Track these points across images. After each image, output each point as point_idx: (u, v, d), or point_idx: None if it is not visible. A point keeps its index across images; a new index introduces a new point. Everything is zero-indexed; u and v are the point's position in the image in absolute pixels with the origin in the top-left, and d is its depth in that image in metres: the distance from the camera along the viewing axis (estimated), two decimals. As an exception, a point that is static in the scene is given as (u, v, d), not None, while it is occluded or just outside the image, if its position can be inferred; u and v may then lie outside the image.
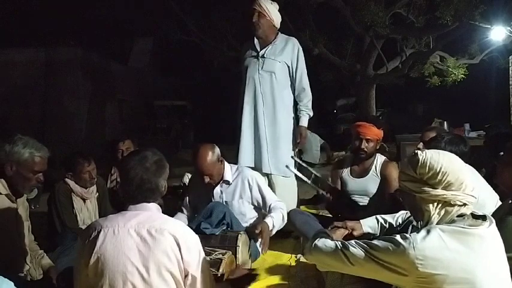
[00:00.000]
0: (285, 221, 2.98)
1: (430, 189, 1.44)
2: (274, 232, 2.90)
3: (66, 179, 3.04)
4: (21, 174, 2.12)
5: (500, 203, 2.13)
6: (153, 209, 1.66)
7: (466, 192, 1.43)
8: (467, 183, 1.44)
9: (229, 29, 10.68)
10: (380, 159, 3.03)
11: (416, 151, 1.52)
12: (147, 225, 1.58)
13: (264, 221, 2.81)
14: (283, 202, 3.10)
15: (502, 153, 2.09)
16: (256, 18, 3.58)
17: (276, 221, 2.87)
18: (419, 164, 1.46)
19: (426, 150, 1.52)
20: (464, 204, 1.43)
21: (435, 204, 1.44)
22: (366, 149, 2.94)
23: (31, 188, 2.24)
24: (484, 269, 1.36)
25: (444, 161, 1.45)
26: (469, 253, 1.36)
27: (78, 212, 3.04)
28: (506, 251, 1.47)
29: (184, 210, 3.20)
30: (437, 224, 1.44)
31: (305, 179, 3.19)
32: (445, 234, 1.37)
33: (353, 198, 3.04)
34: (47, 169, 2.23)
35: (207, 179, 2.97)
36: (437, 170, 1.43)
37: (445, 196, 1.42)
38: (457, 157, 1.50)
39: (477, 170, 2.63)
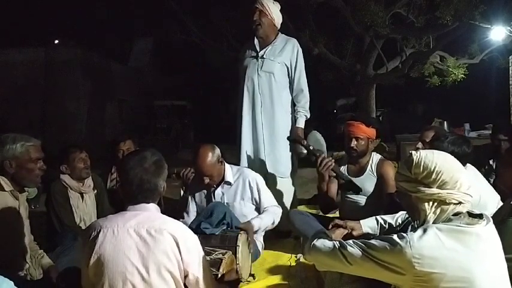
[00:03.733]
0: (275, 225, 3.00)
1: (425, 188, 1.45)
2: (258, 233, 2.92)
3: (62, 176, 3.04)
4: (22, 167, 2.16)
5: (501, 203, 2.13)
6: (152, 209, 1.66)
7: (461, 190, 1.44)
8: (462, 182, 1.45)
9: (229, 29, 10.68)
10: (376, 157, 3.03)
11: (411, 151, 1.54)
12: (147, 225, 1.58)
13: (250, 221, 2.83)
14: (279, 207, 3.11)
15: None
16: (258, 16, 3.58)
17: (263, 223, 2.89)
18: (414, 164, 1.49)
19: (421, 151, 1.53)
20: (460, 203, 1.44)
21: (431, 203, 1.45)
22: (355, 147, 2.94)
23: (37, 179, 2.26)
24: (481, 267, 1.37)
25: (439, 161, 1.46)
26: (466, 251, 1.36)
27: (75, 209, 3.03)
28: (508, 253, 1.47)
29: (186, 217, 3.15)
30: (433, 223, 1.45)
31: (302, 144, 3.16)
32: (442, 233, 1.38)
33: (350, 197, 3.04)
34: (45, 157, 2.28)
35: (206, 180, 2.96)
36: (432, 170, 1.45)
37: (440, 195, 1.43)
38: (452, 157, 1.52)
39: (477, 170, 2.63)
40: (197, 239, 1.68)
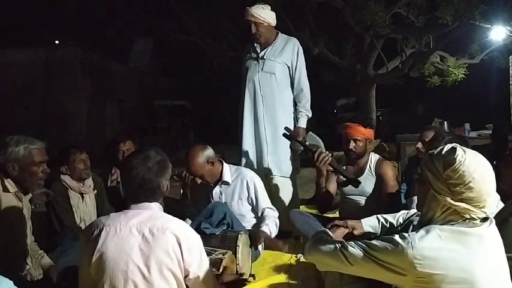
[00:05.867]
0: (277, 228, 3.05)
1: (448, 195, 1.38)
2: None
3: (62, 176, 3.04)
4: (25, 170, 2.15)
5: (501, 203, 2.13)
6: (155, 208, 1.66)
7: (481, 210, 1.38)
8: (485, 204, 1.38)
9: (229, 29, 10.69)
10: (374, 158, 3.02)
11: (457, 150, 1.41)
12: (149, 224, 1.58)
13: (262, 230, 2.90)
14: (275, 210, 3.14)
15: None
16: (255, 29, 3.57)
17: (271, 229, 2.97)
18: (453, 167, 1.37)
19: (468, 154, 1.39)
20: (472, 218, 1.39)
21: (444, 208, 1.40)
22: (354, 149, 2.94)
23: (40, 182, 2.25)
24: (483, 268, 1.35)
25: (476, 176, 1.36)
26: (468, 253, 1.35)
27: (75, 209, 3.03)
28: (509, 252, 1.46)
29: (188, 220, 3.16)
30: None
31: (298, 145, 3.17)
32: (444, 234, 1.36)
33: (350, 197, 3.04)
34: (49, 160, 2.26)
35: (198, 180, 2.98)
36: (465, 183, 1.36)
37: (457, 207, 1.37)
38: (492, 175, 1.40)
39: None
40: (199, 238, 1.68)
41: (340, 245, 1.53)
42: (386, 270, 1.41)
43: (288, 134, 3.21)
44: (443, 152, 1.43)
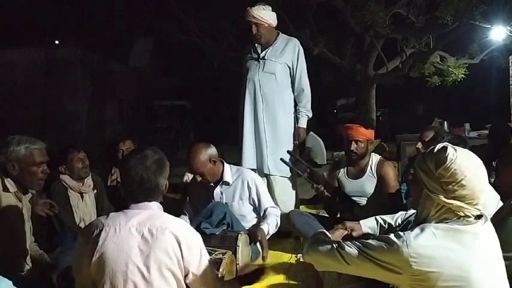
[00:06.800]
0: (278, 226, 3.02)
1: (441, 194, 1.39)
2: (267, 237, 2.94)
3: (61, 176, 3.04)
4: (25, 170, 2.15)
5: (501, 203, 2.13)
6: (154, 207, 1.67)
7: (475, 207, 1.39)
8: (479, 201, 1.39)
9: (229, 29, 10.70)
10: (375, 158, 3.02)
11: (448, 148, 1.42)
12: (148, 224, 1.58)
13: (261, 228, 2.86)
14: (277, 208, 3.13)
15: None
16: (256, 30, 3.57)
17: (271, 228, 2.93)
18: (444, 165, 1.39)
19: (459, 153, 1.41)
20: (466, 216, 1.40)
21: (439, 207, 1.41)
22: (356, 150, 2.95)
23: (39, 182, 2.25)
24: (478, 266, 1.36)
25: (468, 174, 1.37)
26: (463, 250, 1.36)
27: (75, 209, 3.04)
28: (507, 251, 1.46)
29: (187, 214, 3.17)
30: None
31: (300, 173, 3.19)
32: (439, 232, 1.37)
33: (351, 198, 3.04)
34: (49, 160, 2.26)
35: (199, 178, 2.98)
36: (457, 181, 1.37)
37: (451, 205, 1.39)
38: (484, 172, 1.42)
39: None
40: (199, 237, 1.68)
41: (337, 244, 1.54)
42: (383, 269, 1.41)
43: (289, 160, 3.27)
44: (434, 151, 1.45)
